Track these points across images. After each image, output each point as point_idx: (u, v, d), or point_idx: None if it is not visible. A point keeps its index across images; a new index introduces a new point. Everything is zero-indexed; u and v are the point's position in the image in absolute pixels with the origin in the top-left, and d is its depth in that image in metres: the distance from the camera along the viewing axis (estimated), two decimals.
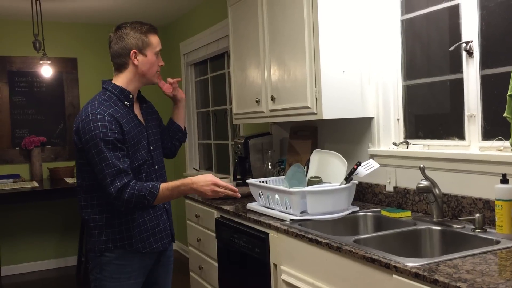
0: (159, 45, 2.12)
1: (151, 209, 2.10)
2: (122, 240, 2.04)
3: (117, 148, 1.94)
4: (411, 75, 2.49)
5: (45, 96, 5.27)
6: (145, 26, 2.09)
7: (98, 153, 1.92)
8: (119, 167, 1.92)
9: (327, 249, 1.86)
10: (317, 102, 2.45)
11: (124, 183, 1.91)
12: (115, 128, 1.94)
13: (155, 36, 2.11)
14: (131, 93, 2.09)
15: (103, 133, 1.91)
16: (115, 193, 1.90)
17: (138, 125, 2.09)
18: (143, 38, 2.07)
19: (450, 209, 2.14)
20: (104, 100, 2.02)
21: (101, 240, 2.05)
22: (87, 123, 1.93)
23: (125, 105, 2.06)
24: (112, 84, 2.09)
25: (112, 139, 1.92)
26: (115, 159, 1.92)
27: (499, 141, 1.99)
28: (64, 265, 5.27)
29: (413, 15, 2.45)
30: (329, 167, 2.57)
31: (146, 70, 2.09)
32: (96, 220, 2.05)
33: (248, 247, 2.46)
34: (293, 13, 2.58)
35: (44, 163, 5.17)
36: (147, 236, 2.09)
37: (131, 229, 2.05)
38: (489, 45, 2.07)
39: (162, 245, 2.15)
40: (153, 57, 2.09)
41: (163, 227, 2.15)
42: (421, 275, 1.42)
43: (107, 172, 1.91)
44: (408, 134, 2.51)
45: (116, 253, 2.05)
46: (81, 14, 4.97)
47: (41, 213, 5.19)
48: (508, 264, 1.51)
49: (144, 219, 2.08)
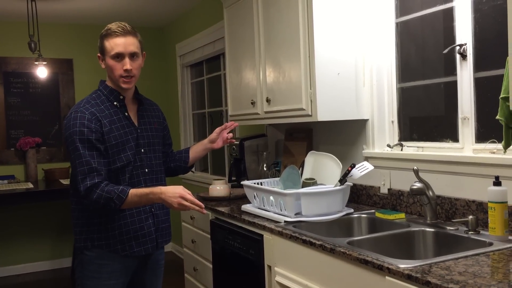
0: (114, 49, 2.03)
1: (135, 212, 2.08)
2: (100, 240, 2.05)
3: (92, 147, 1.96)
4: (405, 78, 2.50)
5: (41, 97, 5.26)
6: (105, 31, 2.07)
7: (74, 150, 1.96)
8: (92, 166, 1.94)
9: (321, 250, 1.87)
10: (312, 104, 2.46)
11: (94, 183, 1.92)
12: (93, 127, 1.97)
13: (112, 39, 2.03)
14: (122, 94, 2.10)
15: (79, 131, 1.95)
16: (83, 192, 1.93)
17: (128, 125, 2.09)
18: (102, 42, 2.07)
19: (444, 211, 2.14)
20: (92, 98, 2.07)
21: (81, 238, 2.08)
22: (68, 121, 2.00)
23: (114, 105, 2.08)
24: (104, 84, 2.13)
25: (88, 138, 1.95)
26: (89, 157, 1.94)
27: (492, 143, 2.00)
28: (59, 267, 5.25)
29: (408, 18, 2.46)
30: (323, 169, 2.57)
31: (110, 74, 2.09)
32: (78, 217, 2.09)
33: (243, 248, 2.46)
34: (289, 15, 2.59)
35: (39, 164, 5.16)
36: (128, 238, 2.06)
37: (110, 230, 2.05)
38: (483, 48, 2.08)
39: (144, 249, 2.11)
40: (110, 61, 2.05)
41: (147, 231, 2.11)
42: (413, 276, 1.43)
43: (79, 170, 1.94)
44: (403, 136, 2.52)
45: (95, 252, 2.06)
46: (77, 15, 4.96)
47: (36, 214, 5.18)
48: (500, 266, 1.52)
49: (126, 221, 2.06)
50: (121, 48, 2.03)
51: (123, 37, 2.04)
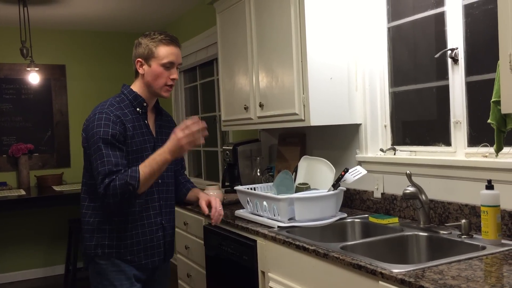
0: (168, 57, 2.02)
1: (146, 224, 2.05)
2: (110, 248, 2.01)
3: (116, 147, 1.92)
4: (397, 82, 2.51)
5: (33, 103, 5.23)
6: (159, 36, 2.03)
7: (96, 150, 1.91)
8: (112, 167, 1.89)
9: (314, 256, 1.86)
10: (304, 108, 2.46)
11: (112, 179, 1.88)
12: (118, 129, 1.94)
13: (167, 47, 2.02)
14: (146, 101, 2.08)
15: (103, 131, 1.91)
16: (102, 190, 1.88)
17: (147, 134, 2.06)
18: (150, 47, 2.02)
19: (437, 215, 2.14)
20: (116, 102, 2.03)
21: (91, 244, 2.03)
22: (92, 121, 1.95)
23: (137, 111, 2.05)
24: (129, 89, 2.09)
25: (112, 138, 1.91)
26: (112, 158, 1.90)
27: (484, 147, 2.00)
28: (52, 274, 5.21)
29: (400, 22, 2.47)
30: (317, 173, 2.57)
31: (151, 80, 2.04)
32: (89, 223, 2.04)
33: (236, 254, 2.45)
34: (281, 20, 2.59)
35: (31, 171, 5.13)
36: (138, 250, 2.04)
37: (122, 239, 2.01)
38: (474, 52, 2.09)
39: (151, 262, 2.09)
40: (158, 68, 2.02)
41: (157, 244, 2.09)
42: (406, 281, 1.42)
43: (100, 170, 1.89)
44: (395, 141, 2.52)
45: (106, 259, 2.01)
46: (69, 20, 4.95)
47: (28, 221, 5.13)
48: (493, 270, 1.52)
49: (138, 232, 2.03)
50: (174, 58, 2.03)
51: (177, 47, 2.06)
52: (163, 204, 2.14)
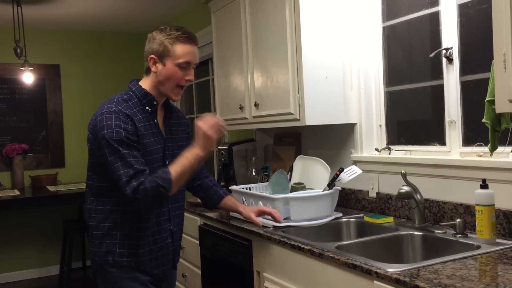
0: (185, 57, 1.84)
1: (157, 231, 1.90)
2: (121, 256, 1.85)
3: (132, 146, 1.77)
4: (392, 81, 2.51)
5: (27, 103, 5.20)
6: (175, 33, 1.85)
7: (113, 152, 1.74)
8: (136, 166, 1.73)
9: (310, 255, 1.86)
10: (300, 108, 2.46)
11: (140, 181, 1.72)
12: (130, 129, 1.78)
13: (184, 46, 1.84)
14: (156, 99, 1.90)
15: (116, 132, 1.75)
16: (131, 194, 1.71)
17: (157, 134, 1.90)
18: (166, 44, 1.84)
19: (432, 214, 2.15)
20: (124, 100, 1.86)
21: (101, 251, 1.87)
22: (101, 121, 1.77)
23: (146, 110, 1.88)
24: (138, 86, 1.91)
25: (126, 138, 1.75)
26: (131, 158, 1.74)
27: (479, 146, 2.01)
28: (47, 275, 5.18)
29: (395, 22, 2.47)
30: (312, 173, 2.57)
31: (164, 80, 1.87)
32: (98, 228, 1.88)
33: (232, 254, 2.44)
34: (276, 20, 2.59)
35: (26, 171, 5.10)
36: (150, 259, 1.89)
37: (134, 247, 1.85)
38: (468, 51, 2.09)
39: (162, 271, 1.95)
40: (173, 68, 1.85)
41: (166, 251, 1.95)
42: (401, 280, 1.42)
43: (123, 172, 1.72)
44: (390, 140, 2.52)
45: (117, 268, 1.86)
46: (63, 20, 4.93)
47: (22, 221, 5.11)
48: (488, 269, 1.52)
49: (149, 240, 1.88)
50: (191, 58, 1.86)
51: (193, 45, 1.88)
52: (172, 208, 1.97)
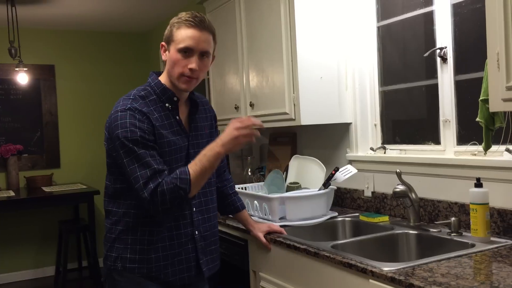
0: (185, 42, 1.68)
1: (175, 235, 1.75)
2: (132, 262, 1.71)
3: (149, 146, 1.65)
4: (387, 81, 2.52)
5: (22, 103, 5.18)
6: (184, 16, 1.71)
7: (128, 153, 1.63)
8: (154, 167, 1.61)
9: (305, 255, 1.86)
10: (295, 108, 2.46)
11: (158, 183, 1.60)
12: (146, 128, 1.65)
13: (186, 29, 1.68)
14: (176, 95, 1.76)
15: (131, 131, 1.63)
16: (149, 197, 1.60)
17: (179, 132, 1.76)
18: (171, 29, 1.72)
19: (427, 213, 2.16)
20: (141, 96, 1.73)
21: (112, 256, 1.75)
22: (115, 119, 1.66)
23: (166, 107, 1.75)
24: (157, 81, 1.77)
25: (142, 137, 1.63)
26: (149, 158, 1.62)
27: (473, 145, 2.02)
28: (42, 276, 5.16)
29: (389, 22, 2.48)
30: (307, 172, 2.57)
31: (170, 68, 1.73)
32: (111, 230, 1.76)
33: (228, 254, 2.44)
34: (271, 20, 2.59)
35: (20, 172, 5.07)
36: (165, 265, 1.73)
37: (146, 252, 1.71)
38: (463, 51, 2.10)
39: (180, 278, 1.76)
40: (175, 54, 1.70)
41: (185, 258, 1.76)
42: (397, 279, 1.43)
43: (140, 174, 1.61)
44: (385, 139, 2.53)
45: (126, 277, 1.72)
46: (58, 20, 4.91)
47: (18, 222, 5.09)
48: (483, 267, 1.53)
49: (165, 245, 1.73)
50: (192, 42, 1.69)
51: (198, 30, 1.69)
52: (197, 211, 1.81)
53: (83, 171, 5.38)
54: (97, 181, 5.13)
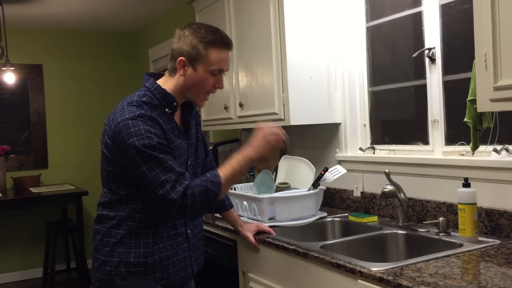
0: (218, 64, 1.69)
1: (172, 234, 1.76)
2: (137, 266, 1.69)
3: (165, 151, 1.63)
4: (376, 81, 2.53)
5: (9, 103, 5.12)
6: (211, 36, 1.68)
7: (147, 160, 1.60)
8: (177, 170, 1.61)
9: (294, 255, 1.86)
10: (284, 108, 2.46)
11: (185, 185, 1.60)
12: (159, 133, 1.65)
13: (220, 51, 1.69)
14: (176, 100, 1.75)
15: (148, 138, 1.60)
16: (179, 199, 1.58)
17: (179, 136, 1.76)
18: (200, 48, 1.67)
19: (415, 213, 2.16)
20: (144, 102, 1.69)
21: (113, 261, 1.70)
22: (126, 128, 1.61)
23: (166, 112, 1.73)
24: (156, 86, 1.73)
25: (159, 142, 1.62)
26: (170, 162, 1.61)
27: (461, 145, 2.03)
28: (30, 277, 5.11)
29: (378, 22, 2.48)
30: (297, 173, 2.57)
31: (192, 86, 1.72)
32: (110, 235, 1.72)
33: (217, 255, 2.43)
34: (260, 19, 2.59)
35: (8, 173, 5.02)
36: (167, 265, 1.74)
37: (149, 254, 1.71)
38: (451, 51, 2.11)
39: (180, 278, 1.78)
40: (204, 74, 1.69)
41: (183, 257, 1.79)
42: (385, 279, 1.43)
43: (165, 178, 1.59)
44: (374, 140, 2.54)
45: (130, 281, 1.70)
46: (46, 19, 4.86)
47: (5, 223, 5.03)
48: (470, 267, 1.53)
49: (165, 245, 1.74)
50: (226, 66, 1.73)
51: (229, 50, 1.73)
52: None
53: (71, 172, 5.33)
54: (85, 182, 5.09)
